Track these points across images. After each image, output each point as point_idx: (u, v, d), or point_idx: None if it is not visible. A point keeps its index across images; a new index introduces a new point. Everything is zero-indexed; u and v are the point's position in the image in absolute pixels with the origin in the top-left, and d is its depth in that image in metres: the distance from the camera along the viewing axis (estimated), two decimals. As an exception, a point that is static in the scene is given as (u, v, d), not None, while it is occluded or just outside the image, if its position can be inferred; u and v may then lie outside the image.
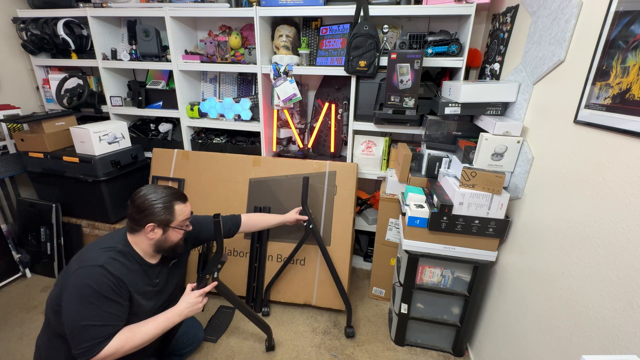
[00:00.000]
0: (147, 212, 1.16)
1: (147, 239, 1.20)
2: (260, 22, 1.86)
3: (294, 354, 1.70)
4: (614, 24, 0.89)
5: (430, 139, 1.70)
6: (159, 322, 1.20)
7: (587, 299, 0.92)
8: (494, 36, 1.74)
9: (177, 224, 1.23)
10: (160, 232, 1.20)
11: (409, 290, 1.63)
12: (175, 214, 1.21)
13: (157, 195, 1.19)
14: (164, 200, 1.19)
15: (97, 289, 1.06)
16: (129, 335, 1.12)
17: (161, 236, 1.21)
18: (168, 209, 1.19)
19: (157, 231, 1.19)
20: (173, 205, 1.21)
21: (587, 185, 0.96)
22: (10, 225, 2.35)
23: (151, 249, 1.22)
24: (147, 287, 1.23)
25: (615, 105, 0.87)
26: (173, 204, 1.21)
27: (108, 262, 1.11)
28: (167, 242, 1.24)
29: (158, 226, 1.18)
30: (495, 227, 1.42)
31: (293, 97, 1.99)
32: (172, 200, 1.21)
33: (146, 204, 1.17)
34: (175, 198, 1.22)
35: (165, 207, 1.19)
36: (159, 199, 1.18)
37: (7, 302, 2.02)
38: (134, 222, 1.18)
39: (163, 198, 1.19)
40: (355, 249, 2.47)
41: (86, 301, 1.06)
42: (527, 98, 1.33)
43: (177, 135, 2.35)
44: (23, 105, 2.34)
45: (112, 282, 1.09)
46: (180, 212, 1.23)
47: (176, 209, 1.21)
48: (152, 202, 1.17)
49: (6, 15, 2.23)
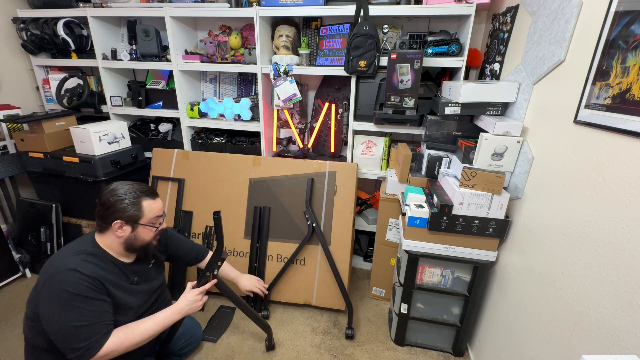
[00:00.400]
0: (113, 208, 1.12)
1: (116, 237, 1.15)
2: (260, 22, 1.86)
3: (294, 354, 1.70)
4: (614, 24, 0.89)
5: (430, 139, 1.70)
6: (158, 319, 1.19)
7: (587, 299, 0.92)
8: (494, 36, 1.74)
9: (147, 221, 1.18)
10: (129, 230, 1.15)
11: (409, 290, 1.63)
12: (143, 210, 1.16)
13: (124, 190, 1.15)
14: (131, 196, 1.15)
15: (75, 291, 1.03)
16: (128, 332, 1.12)
17: (130, 234, 1.16)
18: (135, 205, 1.15)
19: (126, 228, 1.15)
20: (141, 201, 1.16)
21: (587, 185, 0.96)
22: (10, 225, 2.35)
23: (121, 247, 1.18)
24: (126, 285, 1.19)
25: (615, 105, 0.87)
26: (141, 199, 1.16)
27: (79, 265, 1.07)
28: (138, 240, 1.19)
29: (126, 223, 1.14)
30: (495, 227, 1.42)
31: (293, 97, 1.99)
32: (140, 196, 1.17)
33: (112, 201, 1.13)
34: (142, 194, 1.18)
35: (132, 204, 1.14)
36: (125, 195, 1.14)
37: (7, 302, 2.02)
38: (101, 219, 1.14)
39: (130, 194, 1.15)
40: (355, 249, 2.47)
41: (68, 305, 1.02)
42: (527, 98, 1.33)
43: (177, 135, 2.35)
44: (23, 105, 2.34)
45: (87, 281, 1.05)
46: (150, 209, 1.18)
47: (144, 205, 1.17)
48: (117, 199, 1.13)
49: (6, 15, 2.24)
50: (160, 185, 2.15)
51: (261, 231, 1.98)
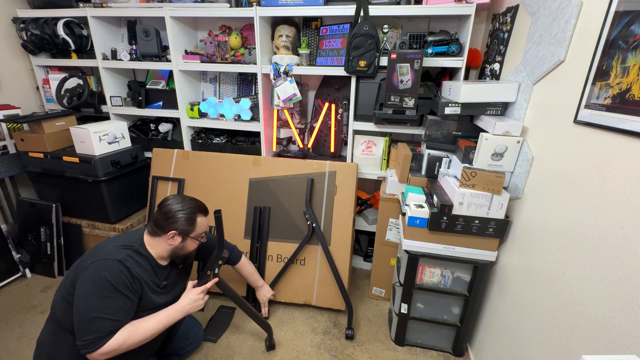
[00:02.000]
0: (172, 219, 1.24)
1: (166, 244, 1.26)
2: (260, 22, 1.86)
3: (294, 353, 1.70)
4: (614, 24, 0.89)
5: (430, 139, 1.70)
6: (161, 317, 1.23)
7: (587, 299, 0.92)
8: (494, 36, 1.74)
9: (196, 234, 1.31)
10: (179, 240, 1.27)
11: (409, 290, 1.63)
12: (196, 225, 1.29)
13: (184, 205, 1.28)
14: (189, 212, 1.27)
15: (113, 281, 1.11)
16: (132, 330, 1.14)
17: (179, 244, 1.28)
18: (191, 220, 1.27)
19: (177, 239, 1.26)
20: (196, 217, 1.29)
21: (587, 185, 0.96)
22: (10, 225, 2.35)
23: (166, 253, 1.29)
24: (156, 286, 1.27)
25: (615, 105, 0.87)
26: (196, 216, 1.29)
27: (125, 258, 1.16)
28: (183, 250, 1.31)
29: (179, 234, 1.26)
30: (495, 227, 1.42)
31: (293, 97, 1.99)
32: (196, 212, 1.29)
33: (172, 212, 1.25)
34: (198, 210, 1.31)
35: (189, 218, 1.27)
36: (184, 210, 1.27)
37: (7, 302, 2.02)
38: (158, 226, 1.25)
39: (188, 209, 1.27)
40: (355, 249, 2.47)
41: (100, 293, 1.10)
42: (527, 98, 1.33)
43: (177, 135, 2.35)
44: (23, 105, 2.34)
45: (127, 277, 1.14)
46: (201, 225, 1.31)
47: (198, 221, 1.29)
48: (177, 211, 1.26)
49: (6, 15, 2.23)
50: (160, 185, 2.15)
51: (261, 231, 1.98)
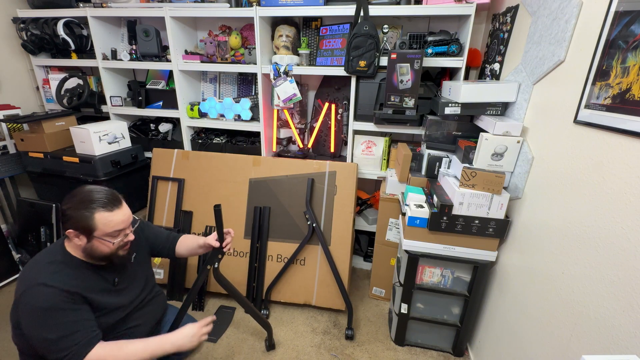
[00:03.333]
0: (66, 216, 1.03)
1: (76, 245, 1.07)
2: (260, 22, 1.86)
3: (294, 353, 1.70)
4: (614, 24, 0.89)
5: (430, 139, 1.70)
6: (149, 345, 1.11)
7: (587, 299, 0.92)
8: (494, 36, 1.74)
9: (102, 234, 1.05)
10: (84, 240, 1.05)
11: (409, 290, 1.63)
12: (95, 223, 1.03)
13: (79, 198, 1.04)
14: (85, 206, 1.03)
15: (46, 306, 0.98)
16: (115, 349, 1.06)
17: (86, 244, 1.06)
18: (85, 217, 1.02)
19: (82, 238, 1.05)
20: (93, 214, 1.03)
21: (587, 185, 0.96)
22: (10, 225, 2.35)
23: (83, 254, 1.08)
24: (105, 289, 1.13)
25: (615, 105, 0.87)
26: (94, 212, 1.03)
27: (49, 278, 1.01)
28: (96, 251, 1.08)
29: (81, 233, 1.04)
30: (495, 227, 1.42)
31: (293, 97, 1.99)
32: (95, 207, 1.03)
33: (65, 208, 1.03)
34: (99, 205, 1.04)
35: (84, 216, 1.02)
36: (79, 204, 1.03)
37: (7, 302, 2.02)
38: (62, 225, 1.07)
39: (84, 203, 1.03)
40: (355, 249, 2.47)
41: (45, 321, 0.99)
42: (527, 98, 1.33)
43: (177, 135, 2.35)
44: (23, 105, 2.34)
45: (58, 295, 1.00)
46: (104, 222, 1.04)
47: (97, 218, 1.03)
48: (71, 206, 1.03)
49: (6, 15, 2.23)
50: (160, 185, 2.15)
51: (261, 231, 1.98)
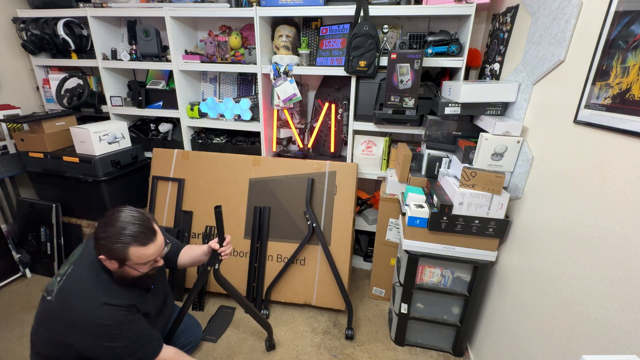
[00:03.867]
0: (99, 244, 1.04)
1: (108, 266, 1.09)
2: (260, 22, 1.86)
3: (294, 353, 1.70)
4: (614, 24, 0.89)
5: (430, 139, 1.70)
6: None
7: (587, 299, 0.92)
8: (494, 36, 1.74)
9: (134, 265, 1.07)
10: (116, 265, 1.06)
11: (409, 290, 1.63)
12: (129, 256, 1.04)
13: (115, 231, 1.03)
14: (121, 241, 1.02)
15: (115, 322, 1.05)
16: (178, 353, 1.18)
17: (118, 269, 1.08)
18: (122, 251, 1.03)
19: (114, 263, 1.06)
20: (128, 249, 1.03)
21: (587, 185, 0.96)
22: (10, 225, 2.35)
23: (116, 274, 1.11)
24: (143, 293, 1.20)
25: (615, 105, 0.87)
26: (128, 247, 1.03)
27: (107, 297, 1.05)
28: (127, 275, 1.10)
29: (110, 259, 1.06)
30: (495, 227, 1.42)
31: (293, 97, 1.99)
32: (129, 243, 1.03)
33: (101, 237, 1.03)
34: (133, 241, 1.03)
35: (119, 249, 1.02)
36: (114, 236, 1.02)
37: (7, 302, 2.02)
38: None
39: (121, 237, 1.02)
40: (355, 249, 2.47)
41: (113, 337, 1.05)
42: (527, 98, 1.33)
43: (177, 135, 2.35)
44: (23, 105, 2.34)
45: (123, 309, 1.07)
46: (137, 256, 1.05)
47: (131, 252, 1.03)
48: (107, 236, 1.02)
49: (6, 15, 2.23)
50: (160, 185, 2.15)
51: (261, 231, 1.98)
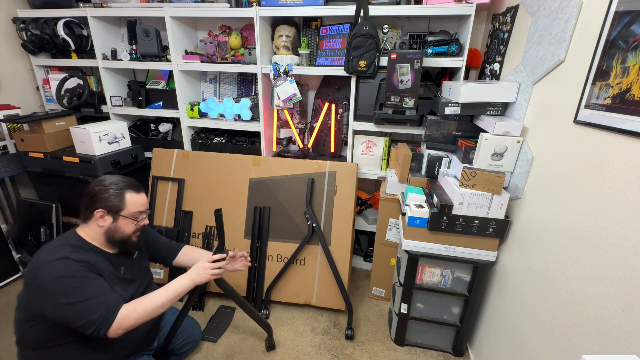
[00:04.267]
0: (97, 197, 1.16)
1: (97, 227, 1.17)
2: (260, 22, 1.86)
3: (294, 353, 1.70)
4: (614, 24, 0.89)
5: (430, 139, 1.70)
6: (170, 287, 1.20)
7: (587, 299, 0.92)
8: (494, 36, 1.74)
9: (128, 213, 1.19)
10: (110, 220, 1.17)
11: (409, 290, 1.63)
12: (125, 202, 1.19)
13: (109, 181, 1.19)
14: (116, 187, 1.18)
15: (69, 274, 1.05)
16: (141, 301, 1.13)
17: (111, 224, 1.18)
18: (118, 196, 1.17)
19: (107, 218, 1.17)
20: (124, 193, 1.19)
21: (587, 185, 0.96)
22: (10, 225, 2.35)
23: (102, 237, 1.19)
24: (114, 275, 1.20)
25: (615, 105, 0.87)
26: (124, 192, 1.19)
27: (67, 254, 1.09)
28: (118, 232, 1.20)
29: (108, 213, 1.16)
30: (495, 227, 1.42)
31: (293, 97, 1.99)
32: (124, 188, 1.20)
33: (96, 189, 1.16)
34: (127, 186, 1.20)
35: (116, 194, 1.17)
36: (110, 185, 1.18)
37: (7, 302, 2.02)
38: (85, 208, 1.17)
39: (114, 185, 1.18)
40: (355, 249, 2.47)
41: (67, 289, 1.03)
42: (527, 98, 1.33)
43: (177, 135, 2.35)
44: (23, 105, 2.34)
45: (79, 265, 1.08)
46: (132, 202, 1.20)
47: (127, 197, 1.19)
48: (102, 188, 1.17)
49: (6, 15, 2.23)
50: (160, 185, 2.15)
51: (261, 231, 1.98)
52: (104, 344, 1.14)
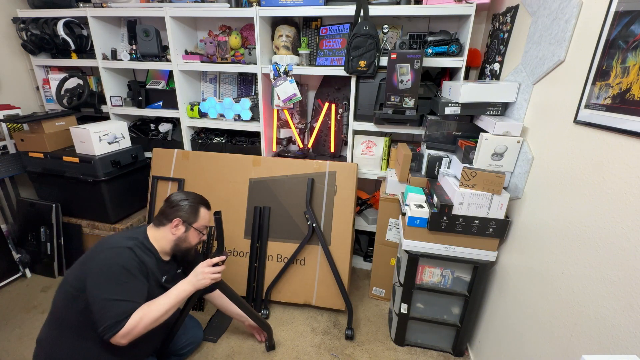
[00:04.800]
0: (176, 207, 1.34)
1: (170, 234, 1.32)
2: (260, 22, 1.86)
3: (294, 354, 1.70)
4: (614, 24, 0.89)
5: (430, 139, 1.70)
6: (172, 293, 1.23)
7: (587, 299, 0.92)
8: (494, 36, 1.74)
9: (198, 226, 1.37)
10: (182, 230, 1.33)
11: (409, 290, 1.63)
12: (199, 216, 1.37)
13: (188, 196, 1.39)
14: (192, 202, 1.37)
15: (126, 267, 1.16)
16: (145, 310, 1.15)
17: (182, 234, 1.34)
18: (194, 209, 1.36)
19: (181, 228, 1.33)
20: (199, 208, 1.37)
21: (587, 185, 0.96)
22: (10, 225, 2.35)
23: (169, 245, 1.33)
24: (157, 280, 1.29)
25: (615, 105, 0.87)
26: (199, 206, 1.38)
27: (133, 247, 1.23)
28: (186, 241, 1.36)
29: (182, 223, 1.33)
30: (495, 227, 1.42)
31: (293, 97, 1.99)
32: (199, 203, 1.38)
33: (177, 201, 1.35)
34: (201, 202, 1.40)
35: (192, 207, 1.36)
36: (188, 199, 1.37)
37: (7, 302, 2.02)
38: (164, 215, 1.34)
39: (192, 199, 1.37)
40: (355, 249, 2.47)
41: (115, 279, 1.14)
42: (527, 98, 1.33)
43: (177, 135, 2.35)
44: (23, 105, 2.34)
45: (138, 262, 1.20)
46: (203, 217, 1.38)
47: (200, 212, 1.38)
48: (182, 200, 1.36)
49: (6, 15, 2.23)
50: (160, 185, 2.15)
51: (261, 231, 1.98)
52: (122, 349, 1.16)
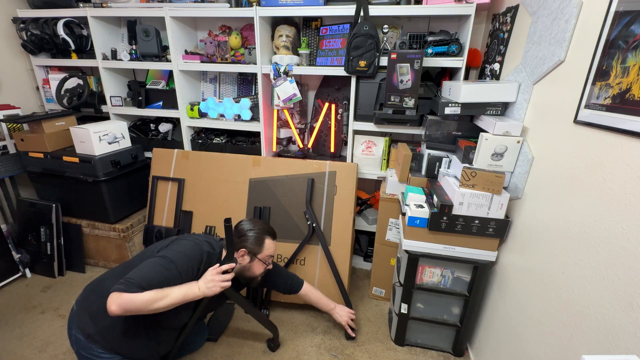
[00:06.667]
0: (244, 237, 1.37)
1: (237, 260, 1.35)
2: (260, 22, 1.86)
3: (294, 354, 1.70)
4: (614, 24, 0.89)
5: (430, 139, 1.70)
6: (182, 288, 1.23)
7: (587, 299, 0.92)
8: (494, 36, 1.74)
9: (263, 256, 1.39)
10: (247, 259, 1.37)
11: (409, 290, 1.63)
12: (264, 246, 1.39)
13: (254, 226, 1.40)
14: (257, 232, 1.38)
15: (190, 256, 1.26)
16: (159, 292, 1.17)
17: (247, 263, 1.37)
18: (259, 240, 1.38)
19: (246, 258, 1.36)
20: (264, 238, 1.39)
21: (587, 185, 0.96)
22: (10, 225, 2.35)
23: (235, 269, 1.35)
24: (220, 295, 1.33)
25: (615, 105, 0.87)
26: (264, 237, 1.39)
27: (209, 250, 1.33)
28: (250, 271, 1.39)
29: (248, 253, 1.36)
30: (495, 227, 1.42)
31: (293, 97, 1.99)
32: (265, 233, 1.40)
33: (244, 231, 1.38)
34: (267, 233, 1.41)
35: (258, 238, 1.38)
36: (254, 229, 1.39)
37: (7, 302, 2.02)
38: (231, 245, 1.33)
39: (257, 229, 1.39)
40: (355, 249, 2.47)
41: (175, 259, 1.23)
42: (527, 98, 1.33)
43: (177, 135, 2.35)
44: (23, 105, 2.34)
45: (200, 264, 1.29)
46: (268, 247, 1.41)
47: (265, 243, 1.39)
48: (248, 229, 1.38)
49: (6, 15, 2.23)
50: (160, 185, 2.15)
51: (261, 231, 1.98)
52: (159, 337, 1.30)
